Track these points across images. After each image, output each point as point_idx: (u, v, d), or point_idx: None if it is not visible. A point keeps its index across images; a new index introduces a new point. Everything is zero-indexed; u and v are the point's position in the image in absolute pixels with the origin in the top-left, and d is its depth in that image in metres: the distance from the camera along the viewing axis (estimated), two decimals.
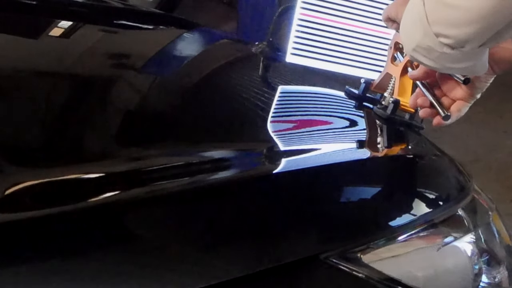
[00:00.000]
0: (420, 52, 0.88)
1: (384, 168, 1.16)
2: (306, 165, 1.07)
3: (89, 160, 0.94)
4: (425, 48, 0.86)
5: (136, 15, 1.75)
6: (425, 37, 0.84)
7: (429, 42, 0.84)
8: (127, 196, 0.86)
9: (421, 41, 0.85)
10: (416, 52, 0.88)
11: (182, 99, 1.27)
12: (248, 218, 0.89)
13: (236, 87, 1.40)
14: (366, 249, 0.93)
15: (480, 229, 1.10)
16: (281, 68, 1.61)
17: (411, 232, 1.00)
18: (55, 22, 1.44)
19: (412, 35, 0.87)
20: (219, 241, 0.85)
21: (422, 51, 0.87)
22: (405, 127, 1.27)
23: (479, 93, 1.05)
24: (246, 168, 1.02)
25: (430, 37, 0.83)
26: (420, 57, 0.89)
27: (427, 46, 0.85)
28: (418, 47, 0.87)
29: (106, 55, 1.40)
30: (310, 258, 0.88)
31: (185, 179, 0.94)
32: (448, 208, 1.08)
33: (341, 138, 1.26)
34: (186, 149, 1.03)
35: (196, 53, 1.59)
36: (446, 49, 0.83)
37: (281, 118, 1.30)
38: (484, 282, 1.05)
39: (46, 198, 0.82)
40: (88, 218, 0.80)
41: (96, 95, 1.18)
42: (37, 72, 1.21)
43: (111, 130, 1.06)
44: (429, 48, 0.85)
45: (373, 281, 0.92)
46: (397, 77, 1.25)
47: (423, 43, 0.85)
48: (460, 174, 1.20)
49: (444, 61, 0.87)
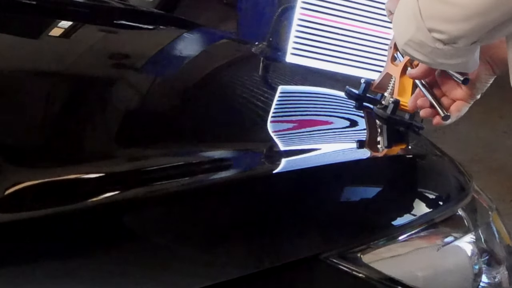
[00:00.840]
0: (412, 46, 0.87)
1: (384, 168, 1.16)
2: (306, 165, 1.07)
3: (89, 160, 0.94)
4: (417, 42, 0.86)
5: (136, 15, 1.75)
6: (417, 32, 0.84)
7: (421, 37, 0.84)
8: (127, 196, 0.86)
9: (413, 35, 0.85)
10: (408, 46, 0.88)
11: (182, 99, 1.27)
12: (248, 218, 0.89)
13: (236, 87, 1.40)
14: (366, 249, 0.93)
15: (480, 229, 1.10)
16: (281, 68, 1.61)
17: (411, 232, 1.00)
18: (55, 22, 1.44)
19: (405, 29, 0.86)
20: (219, 241, 0.85)
21: (414, 45, 0.87)
22: (405, 127, 1.27)
23: (479, 93, 1.05)
24: (246, 168, 1.02)
25: (423, 32, 0.83)
26: (412, 51, 0.89)
27: (420, 40, 0.85)
28: (410, 41, 0.87)
29: (106, 55, 1.40)
30: (310, 258, 0.88)
31: (185, 179, 0.94)
32: (448, 208, 1.08)
33: (341, 138, 1.26)
34: (186, 149, 1.03)
35: (196, 53, 1.59)
36: (439, 44, 0.83)
37: (281, 118, 1.30)
38: (484, 282, 1.05)
39: (46, 198, 0.82)
40: (88, 218, 0.80)
41: (96, 95, 1.18)
42: (37, 72, 1.21)
43: (111, 130, 1.06)
44: (421, 43, 0.85)
45: (373, 281, 0.92)
46: (397, 77, 1.25)
47: (416, 37, 0.85)
48: (460, 174, 1.20)
49: (436, 56, 0.87)
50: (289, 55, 1.56)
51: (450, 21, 0.80)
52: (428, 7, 0.81)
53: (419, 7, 0.81)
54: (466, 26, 0.79)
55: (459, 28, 0.80)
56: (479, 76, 1.01)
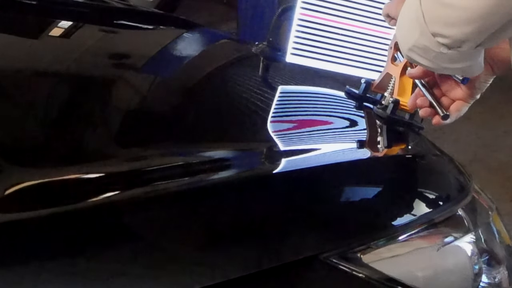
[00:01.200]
0: (416, 52, 0.87)
1: (384, 168, 1.16)
2: (306, 165, 1.07)
3: (89, 160, 0.94)
4: (421, 47, 0.85)
5: (136, 15, 1.75)
6: (421, 37, 0.83)
7: (425, 42, 0.84)
8: (127, 196, 0.86)
9: (417, 40, 0.85)
10: (412, 51, 0.88)
11: (182, 99, 1.27)
12: (248, 218, 0.89)
13: (236, 87, 1.40)
14: (366, 249, 0.93)
15: (480, 229, 1.10)
16: (281, 68, 1.61)
17: (411, 232, 1.00)
18: (55, 22, 1.44)
19: (409, 34, 0.86)
20: (219, 241, 0.85)
21: (418, 50, 0.87)
22: (405, 127, 1.27)
23: (478, 93, 1.05)
24: (246, 168, 1.02)
25: (427, 37, 0.83)
26: (416, 57, 0.88)
27: (424, 45, 0.84)
28: (414, 47, 0.86)
29: (106, 55, 1.40)
30: (310, 258, 0.88)
31: (185, 179, 0.94)
32: (448, 208, 1.08)
33: (341, 138, 1.26)
34: (186, 149, 1.03)
35: (196, 53, 1.59)
36: (443, 49, 0.83)
37: (281, 118, 1.30)
38: (484, 282, 1.05)
39: (46, 198, 0.82)
40: (88, 218, 0.80)
41: (96, 95, 1.18)
42: (37, 72, 1.22)
43: (111, 130, 1.06)
44: (425, 48, 0.85)
45: (373, 281, 0.92)
46: (397, 77, 1.25)
47: (420, 42, 0.85)
48: (460, 174, 1.20)
49: (440, 61, 0.86)
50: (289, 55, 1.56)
51: (453, 24, 0.79)
52: (431, 11, 0.81)
53: (422, 11, 0.81)
54: (468, 29, 0.79)
55: (462, 31, 0.79)
56: (479, 76, 1.01)
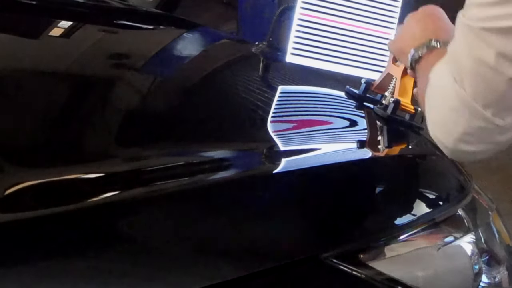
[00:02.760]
0: (466, 140, 0.79)
1: (384, 168, 1.16)
2: (306, 165, 1.07)
3: (89, 160, 0.94)
4: (474, 131, 0.78)
5: (136, 15, 1.75)
6: (472, 118, 0.77)
7: (480, 123, 0.77)
8: (127, 196, 0.86)
9: (468, 124, 0.77)
10: (461, 141, 0.80)
11: (182, 99, 1.27)
12: (247, 218, 0.89)
13: (236, 87, 1.40)
14: (366, 249, 0.93)
15: (480, 229, 1.10)
16: (281, 68, 1.61)
17: (411, 232, 1.00)
18: (55, 22, 1.44)
19: (453, 122, 0.79)
20: (218, 241, 0.85)
21: (469, 137, 0.79)
22: (405, 127, 1.27)
23: None
24: (246, 168, 1.02)
25: (479, 117, 0.76)
26: (465, 146, 0.80)
27: (478, 127, 0.77)
28: (465, 134, 0.79)
29: (106, 55, 1.40)
30: (310, 258, 0.88)
31: (185, 179, 0.94)
32: (448, 208, 1.08)
33: (341, 138, 1.26)
34: (186, 149, 1.03)
35: (196, 53, 1.59)
36: (498, 120, 0.77)
37: (281, 118, 1.30)
38: (484, 282, 1.05)
39: (46, 198, 0.82)
40: (88, 218, 0.80)
41: (96, 95, 1.18)
42: (37, 72, 1.21)
43: (111, 130, 1.06)
44: (480, 129, 0.77)
45: (373, 281, 0.92)
46: (398, 77, 1.25)
47: (472, 125, 0.77)
48: (460, 174, 1.20)
49: (494, 135, 0.79)
50: (289, 55, 1.56)
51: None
52: (483, 94, 0.75)
53: (469, 95, 0.76)
54: None
55: None
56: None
